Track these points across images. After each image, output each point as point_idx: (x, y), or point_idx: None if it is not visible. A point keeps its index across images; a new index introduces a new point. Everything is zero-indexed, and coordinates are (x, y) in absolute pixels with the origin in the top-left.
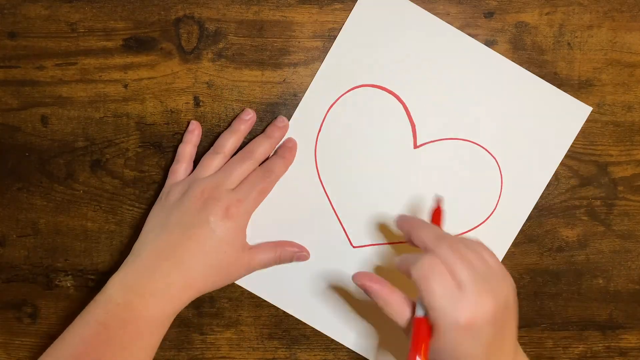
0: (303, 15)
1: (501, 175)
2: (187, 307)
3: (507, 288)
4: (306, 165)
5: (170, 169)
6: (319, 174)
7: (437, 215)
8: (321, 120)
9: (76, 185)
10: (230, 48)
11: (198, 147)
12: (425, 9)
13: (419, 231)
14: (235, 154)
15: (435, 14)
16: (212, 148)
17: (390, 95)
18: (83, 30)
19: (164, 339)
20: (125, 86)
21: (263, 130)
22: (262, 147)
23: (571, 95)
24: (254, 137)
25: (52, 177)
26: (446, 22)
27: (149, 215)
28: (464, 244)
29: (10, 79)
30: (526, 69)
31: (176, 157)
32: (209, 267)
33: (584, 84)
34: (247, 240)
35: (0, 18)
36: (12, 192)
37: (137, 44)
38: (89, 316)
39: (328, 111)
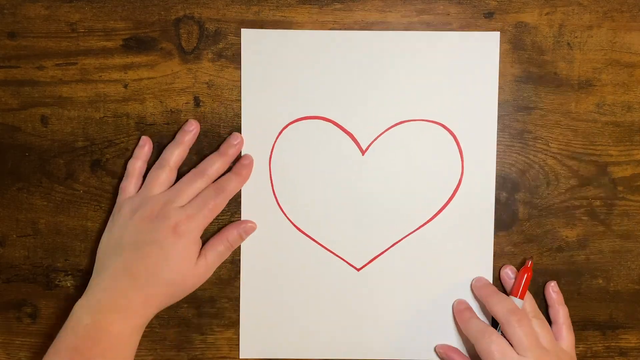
0: (303, 15)
1: (455, 138)
2: (187, 307)
3: None
4: (273, 214)
5: (121, 186)
6: (287, 217)
7: (521, 276)
8: (268, 164)
9: (76, 185)
10: (230, 48)
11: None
12: (425, 9)
13: (493, 305)
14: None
15: (435, 14)
16: (157, 162)
17: (318, 120)
18: (83, 30)
19: (164, 339)
20: (125, 86)
21: (217, 148)
22: (215, 165)
23: (571, 94)
24: (209, 155)
25: (52, 177)
26: (446, 22)
27: (103, 234)
28: (531, 323)
29: (10, 79)
30: (526, 69)
31: (126, 173)
32: (165, 284)
33: (584, 84)
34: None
35: (0, 18)
36: (12, 192)
37: (137, 44)
38: (60, 344)
39: (271, 155)
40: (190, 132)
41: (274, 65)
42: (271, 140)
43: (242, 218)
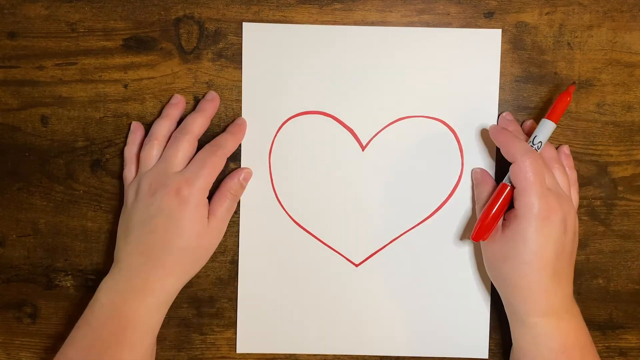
0: (303, 15)
1: (455, 135)
2: (187, 307)
3: (570, 209)
4: (273, 209)
5: (123, 175)
6: (287, 212)
7: (559, 100)
8: (267, 159)
9: (76, 185)
10: (230, 48)
11: None
12: (425, 9)
13: (510, 146)
14: None
15: (435, 14)
16: (146, 137)
17: (318, 116)
18: (83, 30)
19: (164, 339)
20: (125, 86)
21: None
22: (196, 122)
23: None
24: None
25: (52, 177)
26: (446, 22)
27: (119, 223)
28: (549, 160)
29: (10, 79)
30: (526, 69)
31: (124, 162)
32: (179, 251)
33: (584, 84)
34: None
35: (0, 18)
36: (12, 192)
37: (137, 44)
38: (80, 320)
39: (271, 150)
40: (177, 104)
41: (274, 59)
42: (271, 134)
43: (241, 213)
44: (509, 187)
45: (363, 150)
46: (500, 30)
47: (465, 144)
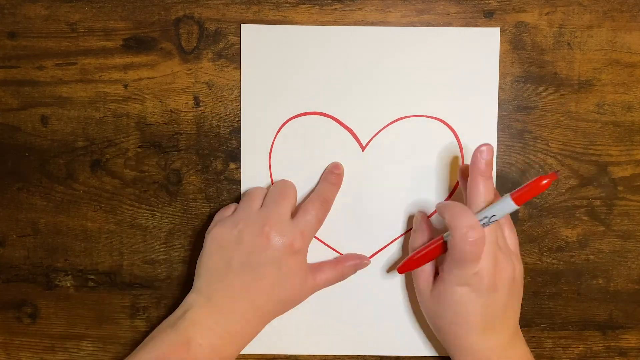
0: (303, 15)
1: (455, 135)
2: None
3: (515, 265)
4: None
5: (218, 213)
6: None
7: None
8: (267, 160)
9: (76, 185)
10: (230, 48)
11: (203, 151)
12: (425, 9)
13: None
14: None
15: (435, 14)
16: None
17: (318, 116)
18: (83, 30)
19: None
20: (125, 86)
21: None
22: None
23: (571, 94)
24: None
25: (52, 177)
26: (446, 22)
27: (203, 253)
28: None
29: (10, 79)
30: (526, 69)
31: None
32: (279, 301)
33: (583, 84)
34: None
35: (0, 18)
36: (12, 192)
37: (137, 44)
38: (165, 350)
39: (271, 151)
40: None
41: (273, 60)
42: (271, 136)
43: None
44: (442, 242)
45: (363, 150)
46: (498, 29)
47: (465, 144)
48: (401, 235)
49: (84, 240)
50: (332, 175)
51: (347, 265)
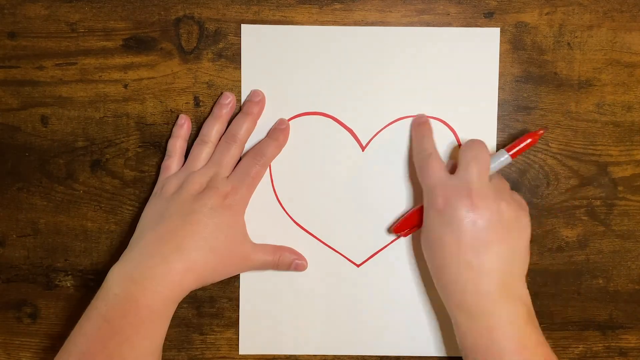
0: (303, 15)
1: (455, 135)
2: (187, 307)
3: (502, 207)
4: (273, 210)
5: (163, 165)
6: (287, 213)
7: (524, 138)
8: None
9: (76, 185)
10: (230, 48)
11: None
12: (425, 9)
13: (419, 142)
14: None
15: (435, 14)
16: (198, 138)
17: (318, 116)
18: (83, 30)
19: (164, 339)
20: (125, 86)
21: (240, 109)
22: (243, 127)
23: (571, 94)
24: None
25: (52, 177)
26: (446, 22)
27: (144, 210)
28: (498, 192)
29: (10, 79)
30: (526, 69)
31: (167, 152)
32: (209, 251)
33: (583, 84)
34: None
35: (0, 18)
36: (12, 192)
37: (137, 44)
38: (91, 311)
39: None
40: (227, 105)
41: (273, 61)
42: None
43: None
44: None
45: (363, 150)
46: (498, 29)
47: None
48: (401, 236)
49: (84, 240)
50: (276, 131)
51: (286, 254)
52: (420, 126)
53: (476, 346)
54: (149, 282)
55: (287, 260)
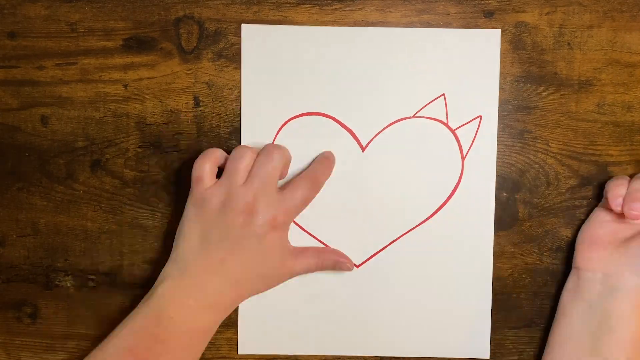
0: (303, 15)
1: (455, 135)
2: None
3: None
4: None
5: (196, 176)
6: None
7: None
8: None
9: (76, 185)
10: (230, 48)
11: None
12: (425, 9)
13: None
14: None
15: (435, 14)
16: (235, 148)
17: (318, 117)
18: (83, 30)
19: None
20: (125, 86)
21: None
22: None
23: (571, 94)
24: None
25: (52, 177)
26: (446, 22)
27: (183, 223)
28: None
29: (10, 79)
30: (526, 69)
31: (201, 159)
32: (256, 276)
33: (583, 83)
34: None
35: (0, 18)
36: (12, 192)
37: (137, 44)
38: (142, 331)
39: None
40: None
41: (273, 61)
42: (271, 136)
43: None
44: None
45: (363, 150)
46: (499, 31)
47: (465, 145)
48: (401, 236)
49: (84, 240)
50: (327, 160)
51: (330, 257)
52: None
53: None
54: (204, 309)
55: (330, 262)
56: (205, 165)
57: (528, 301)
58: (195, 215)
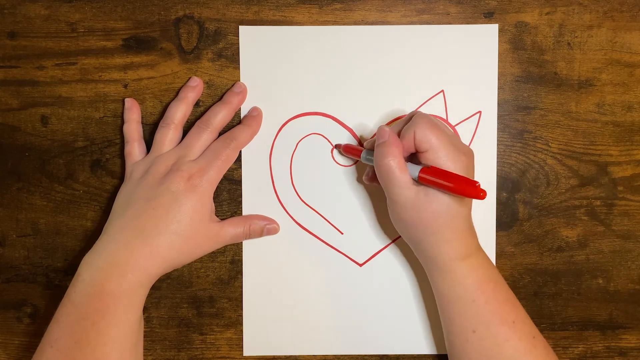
0: (303, 15)
1: (456, 134)
2: (187, 307)
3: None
4: (275, 210)
5: (125, 152)
6: (288, 213)
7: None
8: (268, 160)
9: (76, 185)
10: (230, 48)
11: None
12: (425, 9)
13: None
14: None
15: (435, 13)
16: (162, 120)
17: (318, 117)
18: (83, 30)
19: (164, 339)
20: (125, 86)
21: (220, 98)
22: (219, 115)
23: (571, 94)
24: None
25: (52, 177)
26: (446, 22)
27: (116, 197)
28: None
29: (10, 79)
30: (526, 68)
31: (125, 139)
32: (173, 234)
33: (583, 83)
34: None
35: (0, 18)
36: (12, 192)
37: (137, 44)
38: (63, 299)
39: (272, 152)
40: (194, 87)
41: (272, 61)
42: (271, 136)
43: (243, 215)
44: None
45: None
46: (497, 25)
47: (465, 141)
48: (400, 237)
49: (84, 240)
50: (249, 118)
51: (256, 222)
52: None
53: (443, 294)
54: (113, 267)
55: (257, 228)
56: (134, 144)
57: (528, 301)
58: (123, 186)
